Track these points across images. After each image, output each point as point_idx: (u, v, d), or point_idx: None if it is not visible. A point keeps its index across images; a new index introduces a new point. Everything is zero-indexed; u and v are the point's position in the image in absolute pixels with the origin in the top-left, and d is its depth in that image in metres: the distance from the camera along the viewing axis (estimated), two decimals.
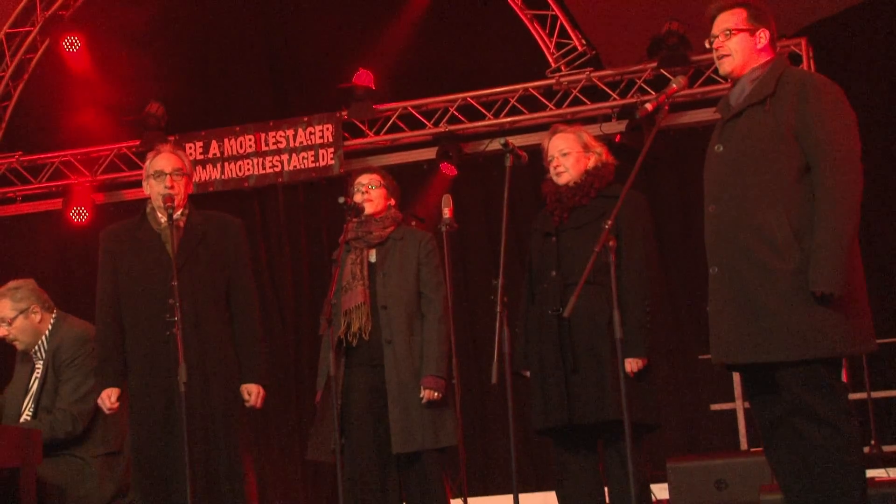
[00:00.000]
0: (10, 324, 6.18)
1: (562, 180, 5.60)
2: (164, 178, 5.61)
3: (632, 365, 5.28)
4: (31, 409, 6.10)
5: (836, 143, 4.34)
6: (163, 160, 5.67)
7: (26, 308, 6.17)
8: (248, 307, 5.70)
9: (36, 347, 6.17)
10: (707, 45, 4.70)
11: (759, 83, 4.53)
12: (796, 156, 4.38)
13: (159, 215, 5.58)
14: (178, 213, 5.63)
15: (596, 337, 5.34)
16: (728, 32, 4.60)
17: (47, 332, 6.18)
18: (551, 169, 5.65)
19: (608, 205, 5.37)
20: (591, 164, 5.62)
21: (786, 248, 4.33)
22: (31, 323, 6.17)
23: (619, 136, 9.42)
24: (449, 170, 9.87)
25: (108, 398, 5.55)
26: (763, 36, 4.59)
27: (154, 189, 5.64)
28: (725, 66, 4.65)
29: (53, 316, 6.24)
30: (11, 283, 6.29)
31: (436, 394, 5.73)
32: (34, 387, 6.13)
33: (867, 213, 4.52)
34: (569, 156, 5.60)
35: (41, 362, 6.15)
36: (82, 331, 6.18)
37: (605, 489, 5.52)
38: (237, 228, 5.81)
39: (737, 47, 4.59)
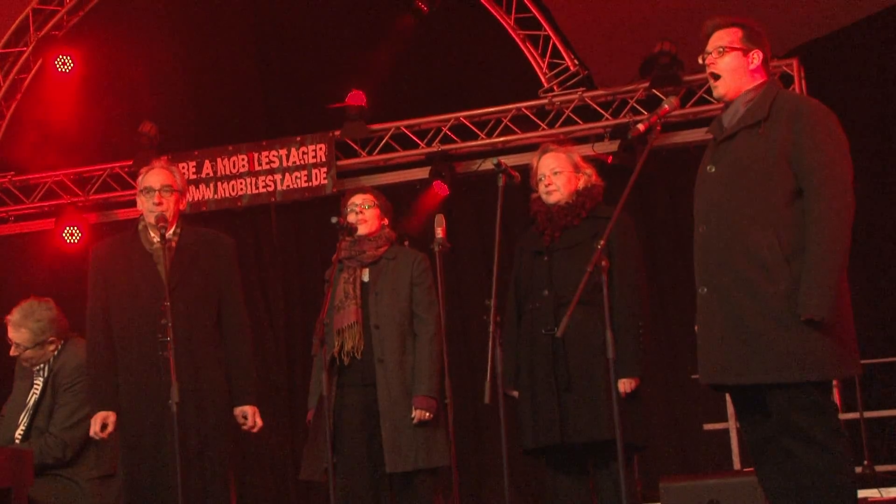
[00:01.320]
0: (24, 350, 6.17)
1: (552, 199, 5.61)
2: (152, 194, 5.58)
3: (625, 385, 5.30)
4: (25, 427, 6.08)
5: (828, 170, 4.34)
6: (152, 176, 5.63)
7: (43, 340, 6.16)
8: (239, 328, 5.66)
9: (40, 366, 6.16)
10: (700, 62, 4.71)
11: (752, 106, 4.54)
12: (788, 179, 4.39)
13: (151, 234, 5.54)
14: (171, 231, 5.57)
15: (589, 357, 5.34)
16: (721, 50, 4.61)
17: (54, 355, 6.17)
18: (541, 187, 5.66)
19: (599, 225, 5.40)
20: (581, 184, 5.64)
21: (775, 270, 4.33)
22: (44, 352, 6.17)
23: (611, 157, 9.43)
24: (441, 189, 9.88)
25: (101, 423, 5.48)
26: (756, 57, 4.60)
27: (144, 206, 5.62)
28: (720, 90, 4.66)
29: (62, 340, 6.22)
30: (35, 311, 6.24)
31: (427, 413, 5.73)
32: (30, 403, 6.12)
33: (860, 233, 4.53)
34: (560, 174, 5.62)
35: (41, 379, 6.14)
36: (84, 357, 6.16)
37: None
38: (229, 248, 5.77)
39: (729, 66, 4.60)
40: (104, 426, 5.47)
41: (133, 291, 5.52)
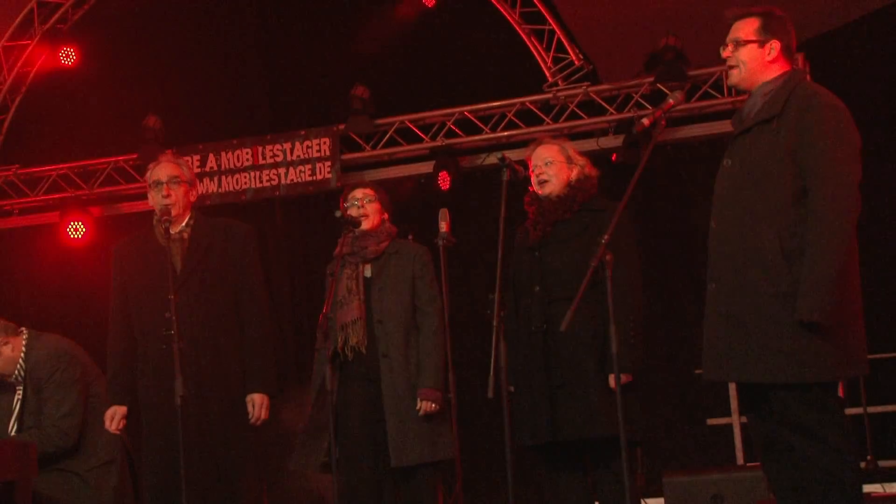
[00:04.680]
0: None
1: (545, 190, 5.59)
2: (161, 187, 5.62)
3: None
4: (16, 430, 6.08)
5: (831, 169, 4.28)
6: (160, 169, 5.69)
7: None
8: (257, 315, 5.68)
9: (15, 373, 6.15)
10: (721, 53, 4.67)
11: (770, 99, 4.48)
12: (794, 178, 4.33)
13: (163, 227, 5.56)
14: (183, 223, 5.66)
15: (581, 352, 5.33)
16: (736, 42, 4.57)
17: (22, 355, 6.15)
18: (534, 178, 5.65)
19: (592, 218, 5.40)
20: (573, 175, 5.62)
21: (776, 271, 4.30)
22: (3, 356, 6.15)
23: (615, 154, 9.43)
24: (443, 183, 9.86)
25: (111, 418, 5.57)
26: (773, 48, 4.54)
27: (154, 200, 5.67)
28: (733, 78, 4.63)
29: (25, 338, 6.20)
30: None
31: (433, 405, 5.73)
32: (16, 408, 6.12)
33: (866, 227, 4.50)
34: (552, 165, 5.61)
35: (21, 386, 6.14)
36: (56, 346, 6.17)
37: None
38: (245, 235, 5.81)
39: (744, 59, 4.56)
40: (115, 422, 5.59)
41: (147, 286, 5.59)
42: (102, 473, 6.08)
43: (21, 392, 6.13)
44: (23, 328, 6.26)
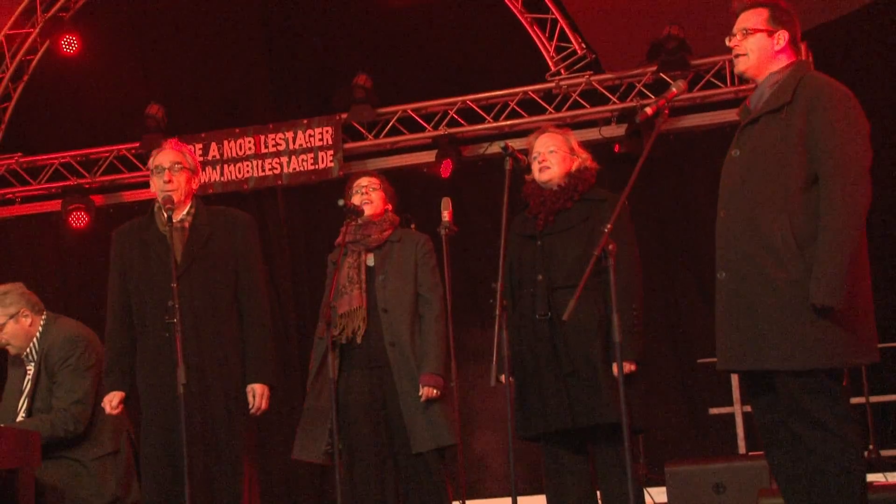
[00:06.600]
0: (1, 329, 6.17)
1: (545, 177, 5.59)
2: (163, 172, 5.60)
3: (624, 368, 5.27)
4: (25, 412, 6.09)
5: (843, 155, 4.30)
6: (163, 155, 5.66)
7: (16, 312, 6.15)
8: (257, 306, 5.65)
9: (27, 350, 6.16)
10: (727, 43, 4.68)
11: (777, 89, 4.49)
12: (805, 165, 4.34)
13: (165, 214, 5.54)
14: (184, 211, 5.62)
15: (587, 341, 5.33)
16: (745, 31, 4.58)
17: (38, 335, 6.17)
18: (535, 164, 5.64)
19: (592, 208, 5.41)
20: (574, 166, 5.63)
21: (788, 257, 4.31)
22: (21, 327, 6.16)
23: (617, 145, 9.44)
24: (445, 172, 9.87)
25: (110, 402, 5.56)
26: (782, 38, 4.55)
27: (156, 185, 5.65)
28: (740, 66, 4.63)
29: (43, 318, 6.22)
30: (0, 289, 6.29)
31: (434, 391, 5.73)
32: (27, 388, 6.13)
33: (869, 216, 4.50)
34: (555, 153, 5.61)
35: (32, 364, 6.14)
36: (73, 331, 6.17)
37: (598, 492, 5.53)
38: (246, 225, 5.77)
39: (753, 47, 4.56)
40: (113, 405, 5.57)
41: (148, 273, 5.56)
42: (106, 463, 6.07)
43: (33, 371, 6.14)
44: (45, 310, 6.29)
